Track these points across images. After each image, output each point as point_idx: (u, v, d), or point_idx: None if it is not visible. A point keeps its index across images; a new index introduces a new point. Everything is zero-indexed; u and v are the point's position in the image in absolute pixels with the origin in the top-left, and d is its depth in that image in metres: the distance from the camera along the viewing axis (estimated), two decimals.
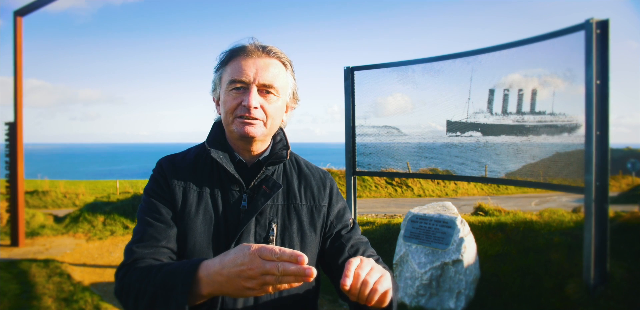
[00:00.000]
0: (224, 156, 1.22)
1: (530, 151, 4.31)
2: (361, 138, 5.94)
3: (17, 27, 7.73)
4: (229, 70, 1.19)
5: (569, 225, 4.63)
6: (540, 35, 4.03)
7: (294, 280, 0.86)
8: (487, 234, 4.74)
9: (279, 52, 1.23)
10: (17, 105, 7.77)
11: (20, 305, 4.78)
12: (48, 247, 7.80)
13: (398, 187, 16.71)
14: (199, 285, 0.96)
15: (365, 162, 5.93)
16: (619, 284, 3.45)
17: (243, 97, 1.17)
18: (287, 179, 1.29)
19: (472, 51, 4.75)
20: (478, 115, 4.81)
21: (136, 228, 1.17)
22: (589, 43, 3.50)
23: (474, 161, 4.88)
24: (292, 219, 1.23)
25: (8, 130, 7.83)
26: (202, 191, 1.20)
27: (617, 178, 21.67)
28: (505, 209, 6.37)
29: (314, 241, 1.25)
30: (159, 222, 1.15)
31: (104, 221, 9.55)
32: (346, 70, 5.84)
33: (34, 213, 9.64)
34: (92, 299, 4.89)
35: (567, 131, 3.90)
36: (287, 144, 1.31)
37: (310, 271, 0.84)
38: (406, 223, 4.54)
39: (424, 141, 5.41)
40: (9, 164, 7.87)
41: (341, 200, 1.36)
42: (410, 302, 4.24)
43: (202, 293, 0.96)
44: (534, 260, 4.18)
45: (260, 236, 1.18)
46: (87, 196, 15.19)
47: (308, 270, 0.84)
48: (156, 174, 1.24)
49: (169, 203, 1.18)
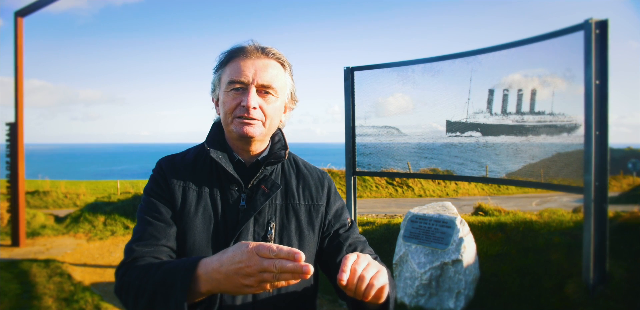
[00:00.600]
0: (223, 156, 1.23)
1: (530, 151, 4.31)
2: (361, 138, 5.95)
3: (18, 27, 7.74)
4: (228, 71, 1.21)
5: (568, 225, 4.64)
6: (539, 36, 4.04)
7: (292, 278, 0.87)
8: (487, 234, 4.75)
9: (277, 53, 1.24)
10: (17, 105, 7.78)
11: (20, 305, 4.79)
12: (49, 247, 7.81)
13: (399, 187, 16.71)
14: (198, 282, 0.97)
15: (365, 162, 5.94)
16: (618, 284, 3.45)
17: (242, 98, 1.18)
18: (285, 179, 1.30)
19: (471, 51, 4.76)
20: (478, 115, 4.82)
21: (136, 227, 1.19)
22: (588, 43, 3.51)
23: (474, 161, 4.88)
24: (291, 218, 1.24)
25: (9, 131, 7.84)
26: (202, 191, 1.21)
27: (618, 178, 21.64)
28: (505, 209, 6.37)
29: (312, 240, 1.26)
30: (158, 221, 1.16)
31: (105, 221, 9.56)
32: (346, 71, 5.85)
33: (34, 213, 9.66)
34: (93, 298, 4.90)
35: (566, 131, 3.90)
36: (285, 144, 1.33)
37: (307, 268, 0.85)
38: (406, 223, 4.55)
39: (423, 141, 5.41)
40: (10, 164, 7.88)
41: (339, 200, 1.37)
42: (409, 302, 4.24)
43: (201, 290, 0.97)
44: (534, 260, 4.19)
45: (259, 235, 1.19)
46: (87, 196, 15.21)
47: (305, 268, 0.85)
48: (156, 174, 1.25)
49: (169, 202, 1.19)
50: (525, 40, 4.20)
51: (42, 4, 7.59)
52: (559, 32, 3.84)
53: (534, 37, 4.09)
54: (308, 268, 0.85)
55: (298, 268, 0.85)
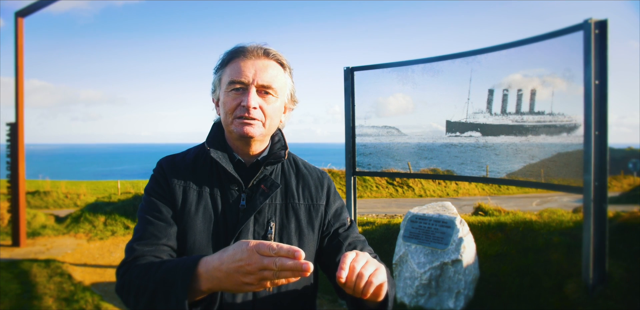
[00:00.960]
0: (223, 156, 1.24)
1: (530, 151, 4.32)
2: (361, 138, 5.96)
3: (18, 28, 7.75)
4: (229, 72, 1.22)
5: (568, 225, 4.64)
6: (539, 36, 4.04)
7: (292, 275, 0.88)
8: (486, 234, 4.75)
9: (277, 53, 1.25)
10: (17, 105, 7.79)
11: (21, 305, 4.80)
12: (49, 247, 7.82)
13: (399, 187, 16.71)
14: (198, 281, 0.97)
15: (365, 162, 5.94)
16: (618, 284, 3.46)
17: (242, 98, 1.19)
18: (285, 179, 1.31)
19: (471, 51, 4.76)
20: (477, 115, 4.82)
21: (137, 227, 1.20)
22: (588, 43, 3.51)
23: (474, 161, 4.89)
24: (290, 217, 1.25)
25: (9, 131, 7.86)
26: (202, 190, 1.22)
27: (618, 178, 21.61)
28: (505, 209, 6.38)
29: (311, 240, 1.27)
30: (159, 221, 1.17)
31: (105, 221, 9.57)
32: (346, 71, 5.85)
33: (35, 213, 9.67)
34: (93, 298, 4.91)
35: (566, 131, 3.91)
36: (285, 144, 1.34)
37: (307, 266, 0.85)
38: (406, 223, 4.55)
39: (423, 141, 5.42)
40: (10, 164, 7.89)
41: (338, 200, 1.38)
42: (409, 302, 4.25)
43: (202, 289, 0.98)
44: (533, 260, 4.19)
45: (259, 234, 1.20)
46: (88, 196, 15.22)
47: (305, 265, 0.85)
48: (156, 173, 1.26)
49: (169, 202, 1.20)
50: (524, 40, 4.20)
51: (42, 4, 7.60)
52: (558, 32, 3.85)
53: (534, 37, 4.10)
54: (308, 266, 0.86)
55: (298, 266, 0.86)
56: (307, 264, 0.86)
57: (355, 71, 5.80)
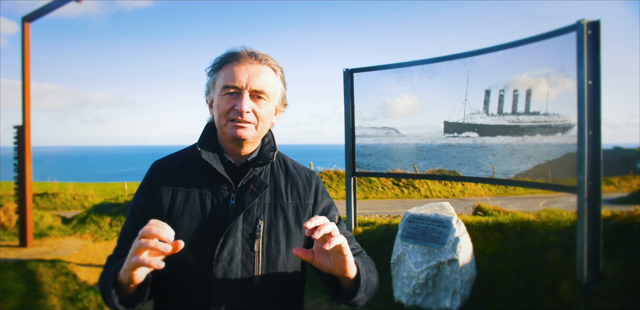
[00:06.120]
0: (214, 157, 1.29)
1: (526, 151, 4.34)
2: (360, 139, 6.00)
3: (25, 32, 7.90)
4: (223, 76, 1.26)
5: (565, 224, 4.64)
6: (534, 37, 4.07)
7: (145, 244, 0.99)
8: (484, 234, 4.77)
9: (269, 58, 1.31)
10: (24, 108, 7.93)
11: (26, 303, 4.90)
12: (55, 247, 7.95)
13: (405, 188, 16.68)
14: (121, 275, 1.10)
15: (364, 163, 5.98)
16: (612, 283, 3.47)
17: (236, 102, 1.24)
18: (274, 179, 1.36)
19: (468, 52, 4.80)
20: (474, 116, 4.85)
21: (119, 238, 1.33)
22: (580, 44, 3.54)
23: (471, 161, 4.91)
24: (279, 216, 1.30)
25: (16, 133, 7.99)
26: (191, 191, 1.28)
27: (627, 178, 21.39)
28: (504, 209, 6.38)
29: (299, 238, 1.32)
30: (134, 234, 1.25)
31: (111, 222, 9.70)
32: (345, 72, 5.90)
33: (42, 214, 9.82)
34: (96, 297, 5.00)
35: (560, 131, 3.93)
36: (274, 145, 1.39)
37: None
38: (403, 223, 4.58)
39: (422, 142, 5.45)
40: (18, 166, 8.02)
41: (327, 198, 1.43)
42: (406, 301, 4.28)
43: (124, 281, 1.08)
44: (530, 260, 4.20)
45: (248, 232, 1.25)
46: (95, 198, 15.40)
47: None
48: (145, 179, 1.34)
49: (149, 211, 1.28)
50: (520, 41, 4.23)
51: (48, 9, 7.74)
52: (552, 33, 3.87)
53: (529, 38, 4.13)
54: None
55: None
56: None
57: (354, 73, 5.85)
